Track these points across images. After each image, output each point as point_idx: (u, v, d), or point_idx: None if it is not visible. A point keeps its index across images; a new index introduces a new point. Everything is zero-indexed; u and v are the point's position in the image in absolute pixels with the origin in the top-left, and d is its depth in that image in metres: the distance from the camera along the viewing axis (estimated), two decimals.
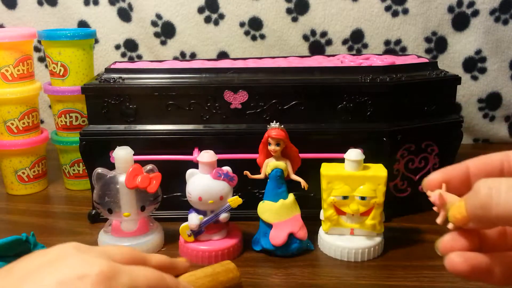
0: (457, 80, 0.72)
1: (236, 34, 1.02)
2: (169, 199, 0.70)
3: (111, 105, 0.69)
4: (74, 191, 0.85)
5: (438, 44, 1.01)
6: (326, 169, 0.61)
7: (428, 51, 1.01)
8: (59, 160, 0.86)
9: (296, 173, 0.62)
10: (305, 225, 0.62)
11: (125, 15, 1.03)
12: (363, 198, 0.59)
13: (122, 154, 0.61)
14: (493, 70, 1.01)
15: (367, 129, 0.68)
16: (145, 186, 0.60)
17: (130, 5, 1.02)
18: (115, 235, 0.63)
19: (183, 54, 1.04)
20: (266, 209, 0.62)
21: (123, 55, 1.06)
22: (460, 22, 0.99)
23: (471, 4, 0.97)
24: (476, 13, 0.98)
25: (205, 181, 0.60)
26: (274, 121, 0.61)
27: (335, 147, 0.66)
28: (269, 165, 0.61)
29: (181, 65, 0.79)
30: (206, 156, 0.61)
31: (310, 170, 0.62)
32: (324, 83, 0.68)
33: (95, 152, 0.69)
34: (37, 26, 1.03)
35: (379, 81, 0.68)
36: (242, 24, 1.01)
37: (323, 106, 0.68)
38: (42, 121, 1.12)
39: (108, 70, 0.72)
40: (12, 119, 0.80)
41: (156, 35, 1.03)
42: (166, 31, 1.03)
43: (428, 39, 1.00)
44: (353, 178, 0.60)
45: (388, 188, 0.64)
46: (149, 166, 0.62)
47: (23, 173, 0.83)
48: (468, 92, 1.03)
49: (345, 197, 0.60)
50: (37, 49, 1.06)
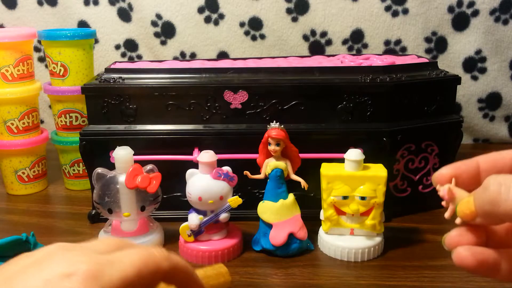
0: (457, 80, 0.72)
1: (236, 34, 1.02)
2: (169, 199, 0.70)
3: (111, 105, 0.69)
4: (74, 191, 0.85)
5: (438, 44, 1.01)
6: (326, 169, 0.61)
7: (428, 51, 1.01)
8: (59, 160, 0.86)
9: (296, 173, 0.62)
10: (305, 225, 0.62)
11: (125, 15, 1.03)
12: (363, 198, 0.59)
13: (122, 154, 0.61)
14: (493, 70, 1.01)
15: (367, 129, 0.68)
16: (145, 186, 0.60)
17: (130, 5, 1.02)
18: (115, 235, 0.63)
19: (183, 54, 1.04)
20: (266, 209, 0.62)
21: (123, 55, 1.06)
22: (460, 22, 0.99)
23: (471, 4, 0.97)
24: (476, 13, 0.98)
25: (205, 181, 0.60)
26: (274, 121, 0.61)
27: (335, 147, 0.66)
28: (269, 165, 0.61)
29: (181, 65, 0.79)
30: (206, 156, 0.61)
31: (310, 170, 0.62)
32: (324, 83, 0.68)
33: (95, 152, 0.69)
34: (37, 26, 1.03)
35: (379, 81, 0.67)
36: (242, 24, 1.01)
37: (323, 106, 0.68)
38: (42, 121, 1.12)
39: (108, 70, 0.72)
40: (12, 119, 0.80)
41: (156, 35, 1.03)
42: (166, 31, 1.03)
43: (428, 39, 1.00)
44: (353, 178, 0.60)
45: (388, 188, 0.64)
46: (149, 166, 0.62)
47: (23, 173, 0.83)
48: (468, 92, 1.03)
49: (345, 197, 0.60)
50: (37, 49, 1.06)
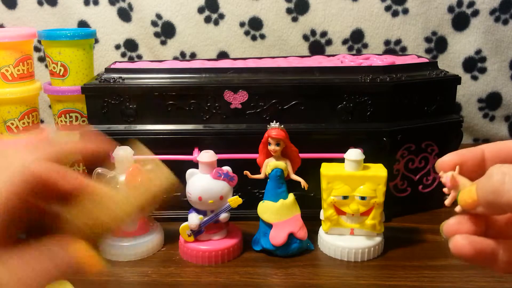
0: (457, 80, 0.72)
1: (236, 34, 1.02)
2: (169, 199, 0.70)
3: (111, 105, 0.69)
4: None
5: (438, 44, 1.01)
6: (326, 169, 0.61)
7: (428, 51, 1.01)
8: None
9: (296, 173, 0.62)
10: (305, 225, 0.62)
11: (125, 15, 1.03)
12: (363, 198, 0.59)
13: (122, 154, 0.61)
14: (493, 70, 1.01)
15: (367, 129, 0.68)
16: None
17: (130, 5, 1.02)
18: (115, 235, 0.63)
19: (183, 54, 1.04)
20: (266, 209, 0.62)
21: (123, 55, 1.06)
22: (460, 22, 0.99)
23: (471, 4, 0.97)
24: (476, 13, 0.98)
25: (205, 181, 0.60)
26: (274, 121, 0.61)
27: (335, 147, 0.66)
28: (269, 165, 0.61)
29: (181, 65, 0.79)
30: (206, 156, 0.60)
31: (310, 170, 0.62)
32: (324, 83, 0.68)
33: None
34: (37, 26, 1.03)
35: (379, 81, 0.67)
36: (242, 24, 1.01)
37: (323, 106, 0.68)
38: (42, 121, 1.12)
39: (108, 70, 0.72)
40: (12, 119, 0.80)
41: (156, 35, 1.03)
42: (166, 31, 1.03)
43: (428, 39, 1.00)
44: (353, 178, 0.60)
45: (388, 188, 0.64)
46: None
47: None
48: (468, 92, 1.03)
49: (345, 197, 0.60)
50: (37, 49, 1.06)
